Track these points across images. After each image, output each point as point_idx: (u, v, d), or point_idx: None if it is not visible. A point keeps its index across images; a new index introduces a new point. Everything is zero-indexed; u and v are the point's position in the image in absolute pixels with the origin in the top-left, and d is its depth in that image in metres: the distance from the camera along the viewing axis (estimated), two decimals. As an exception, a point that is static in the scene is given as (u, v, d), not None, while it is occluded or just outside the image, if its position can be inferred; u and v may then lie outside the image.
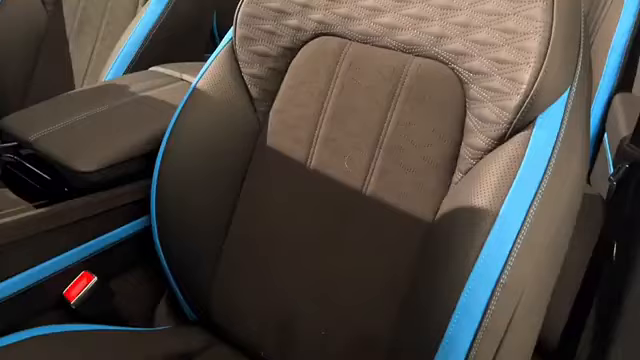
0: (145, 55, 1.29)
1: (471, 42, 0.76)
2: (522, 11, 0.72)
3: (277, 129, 0.90)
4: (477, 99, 0.75)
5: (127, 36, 1.29)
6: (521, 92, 0.70)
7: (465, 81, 0.77)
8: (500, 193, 0.68)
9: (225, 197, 0.91)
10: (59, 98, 1.07)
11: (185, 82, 1.15)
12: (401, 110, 0.81)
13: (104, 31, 1.42)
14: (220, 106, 0.91)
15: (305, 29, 0.89)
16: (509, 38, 0.72)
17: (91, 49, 1.42)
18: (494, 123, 0.72)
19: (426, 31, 0.80)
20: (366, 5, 0.85)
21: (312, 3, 0.88)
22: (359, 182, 0.83)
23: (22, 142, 0.93)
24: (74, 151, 0.89)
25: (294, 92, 0.90)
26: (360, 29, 0.85)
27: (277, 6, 0.90)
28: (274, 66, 0.91)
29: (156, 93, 1.08)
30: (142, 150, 0.94)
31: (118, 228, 0.95)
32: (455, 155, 0.78)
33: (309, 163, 0.87)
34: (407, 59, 0.82)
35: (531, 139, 0.70)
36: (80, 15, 1.46)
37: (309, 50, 0.89)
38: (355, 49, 0.86)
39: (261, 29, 0.91)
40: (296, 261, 0.86)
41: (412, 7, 0.82)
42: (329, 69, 0.87)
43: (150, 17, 1.31)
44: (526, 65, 0.70)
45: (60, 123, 0.95)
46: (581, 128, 0.73)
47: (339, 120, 0.85)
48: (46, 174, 0.90)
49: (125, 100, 1.05)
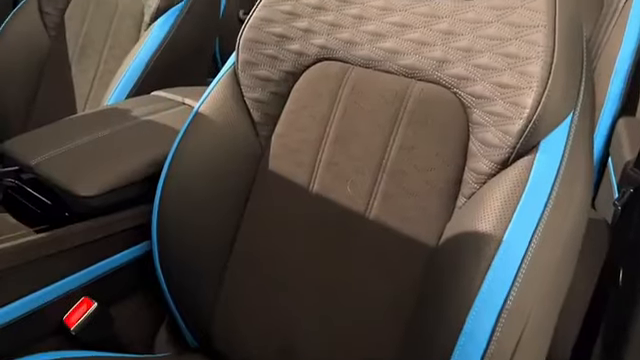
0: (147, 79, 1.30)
1: (473, 67, 0.77)
2: (524, 36, 0.73)
3: (279, 153, 0.91)
4: (480, 123, 0.76)
5: (130, 60, 1.30)
6: (524, 116, 0.70)
7: (468, 105, 0.78)
8: (504, 218, 0.69)
9: (227, 221, 0.91)
10: (61, 122, 1.08)
11: (187, 106, 1.16)
12: (404, 134, 0.82)
13: (107, 55, 1.44)
14: (222, 130, 0.92)
15: (307, 54, 0.90)
16: (511, 62, 0.73)
17: (93, 73, 1.44)
18: (497, 147, 0.73)
19: (428, 56, 0.81)
20: (368, 30, 0.86)
21: (314, 28, 0.89)
22: (362, 206, 0.83)
23: (23, 166, 0.93)
24: (75, 175, 0.90)
25: (296, 116, 0.90)
26: (362, 54, 0.86)
27: (279, 31, 0.91)
28: (276, 90, 0.92)
29: (158, 117, 1.09)
30: (143, 174, 0.95)
31: (118, 253, 0.95)
32: (458, 179, 0.78)
33: (312, 187, 0.87)
34: (409, 83, 0.83)
35: (534, 164, 0.70)
36: (83, 39, 1.48)
37: (311, 75, 0.90)
38: (357, 73, 0.87)
39: (263, 54, 0.92)
40: (299, 285, 0.86)
41: (414, 32, 0.83)
42: (331, 93, 0.88)
43: (153, 42, 1.32)
44: (529, 89, 0.71)
45: (62, 147, 0.95)
46: (584, 152, 0.74)
47: (342, 144, 0.86)
48: (47, 198, 0.90)
49: (127, 124, 1.05)
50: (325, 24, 0.89)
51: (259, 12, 0.93)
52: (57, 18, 1.52)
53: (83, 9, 1.50)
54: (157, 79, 1.31)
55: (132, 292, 1.01)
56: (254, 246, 0.90)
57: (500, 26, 0.76)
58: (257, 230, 0.90)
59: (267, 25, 0.92)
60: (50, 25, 1.53)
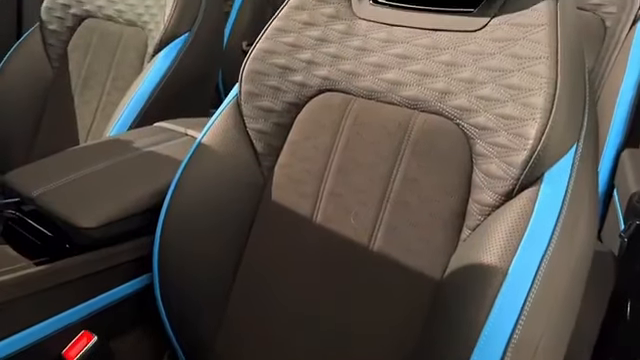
0: (150, 111, 1.31)
1: (476, 98, 0.77)
2: (526, 67, 0.74)
3: (282, 183, 0.91)
4: (483, 155, 0.76)
5: (133, 92, 1.32)
6: (528, 148, 0.71)
7: (471, 137, 0.78)
8: (509, 250, 0.68)
9: (229, 252, 0.91)
10: (63, 154, 1.08)
11: (190, 137, 1.16)
12: (407, 165, 0.82)
13: (109, 87, 1.45)
14: (225, 161, 0.92)
15: (310, 85, 0.91)
16: (514, 94, 0.74)
17: (96, 105, 1.45)
18: (501, 179, 0.73)
19: (431, 87, 0.82)
20: (370, 62, 0.87)
21: (317, 60, 0.91)
22: (366, 238, 0.83)
23: (24, 198, 0.93)
24: (76, 207, 0.90)
25: (299, 147, 0.91)
26: (365, 85, 0.87)
27: (282, 63, 0.92)
28: (279, 121, 0.93)
29: (160, 148, 1.09)
30: (145, 206, 0.95)
31: (119, 286, 0.94)
32: (463, 211, 0.78)
33: (315, 218, 0.87)
34: (412, 114, 0.83)
35: (539, 195, 0.70)
36: (86, 71, 1.50)
37: (314, 106, 0.91)
38: (360, 105, 0.88)
39: (266, 85, 0.93)
40: (301, 317, 0.85)
41: (416, 64, 0.84)
42: (334, 124, 0.89)
43: (156, 73, 1.34)
44: (532, 121, 0.71)
45: (63, 179, 0.96)
46: (589, 183, 0.74)
47: (345, 175, 0.86)
48: (48, 230, 0.90)
49: (129, 156, 1.06)
50: (328, 56, 0.90)
51: (262, 44, 0.94)
52: (60, 50, 1.54)
53: (86, 41, 1.52)
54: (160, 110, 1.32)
55: (132, 325, 1.00)
56: (256, 278, 0.90)
57: (502, 58, 0.77)
58: (259, 261, 0.90)
59: (270, 57, 0.93)
60: (53, 57, 1.55)
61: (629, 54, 1.35)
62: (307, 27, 0.92)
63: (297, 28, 0.93)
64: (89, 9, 1.53)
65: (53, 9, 1.55)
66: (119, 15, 1.48)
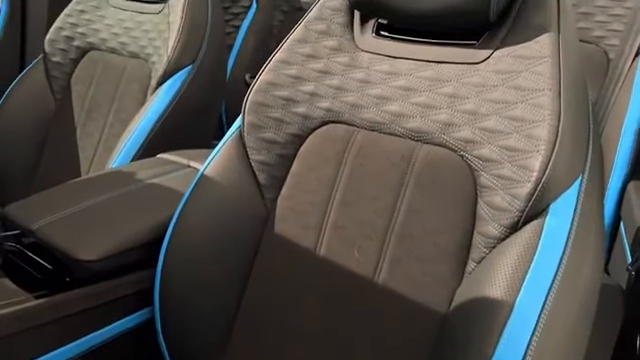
0: (153, 142, 1.32)
1: (480, 130, 0.78)
2: (530, 99, 0.75)
3: (285, 216, 0.91)
4: (488, 187, 0.76)
5: (135, 124, 1.33)
6: (532, 180, 0.71)
7: (475, 168, 0.78)
8: (515, 284, 0.68)
9: (232, 286, 0.91)
10: (64, 186, 1.09)
11: (192, 169, 1.17)
12: (411, 197, 0.83)
13: (112, 119, 1.46)
14: (227, 193, 0.93)
15: (313, 117, 0.92)
16: (518, 126, 0.75)
17: (98, 136, 1.46)
18: (506, 211, 0.73)
19: (434, 119, 0.83)
20: (374, 94, 0.88)
21: (320, 92, 0.92)
22: (370, 271, 0.83)
23: (25, 230, 0.94)
24: (77, 239, 0.90)
25: (302, 179, 0.91)
26: (368, 117, 0.88)
27: (286, 94, 0.93)
28: (282, 153, 0.93)
29: (162, 180, 1.10)
30: (146, 238, 0.95)
31: (119, 320, 0.94)
32: (467, 243, 0.78)
33: (318, 250, 0.87)
34: (416, 146, 0.84)
35: (544, 228, 0.70)
36: (89, 102, 1.51)
37: (317, 137, 0.92)
38: (363, 136, 0.88)
39: (269, 117, 0.94)
40: (305, 350, 0.85)
41: (419, 95, 0.85)
42: (337, 156, 0.89)
43: (159, 105, 1.35)
44: (536, 153, 0.72)
45: (64, 211, 0.96)
46: (595, 216, 0.74)
47: (348, 207, 0.87)
48: (48, 263, 0.90)
49: (131, 187, 1.06)
50: (331, 88, 0.91)
51: (265, 76, 0.95)
52: (64, 82, 1.56)
53: (90, 73, 1.54)
54: (163, 142, 1.33)
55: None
56: (258, 313, 0.89)
57: (505, 90, 0.78)
58: (262, 295, 0.90)
59: (273, 88, 0.94)
60: (56, 89, 1.56)
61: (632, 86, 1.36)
62: (310, 59, 0.93)
63: (300, 60, 0.94)
64: (92, 41, 1.55)
65: (56, 41, 1.57)
66: (122, 47, 1.50)
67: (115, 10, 1.56)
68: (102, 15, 1.57)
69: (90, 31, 1.56)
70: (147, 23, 1.48)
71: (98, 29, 1.56)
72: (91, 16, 1.58)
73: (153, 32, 1.46)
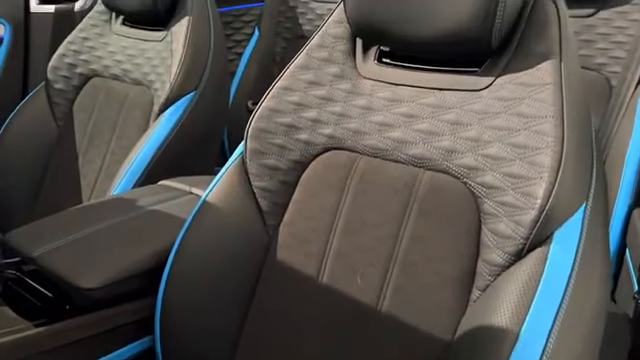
0: (155, 169, 1.33)
1: (483, 157, 0.78)
2: (532, 126, 0.76)
3: (287, 243, 0.91)
4: (492, 214, 0.76)
5: (137, 150, 1.33)
6: (536, 207, 0.71)
7: (479, 195, 0.79)
8: (520, 312, 0.68)
9: (234, 313, 0.91)
10: (65, 213, 1.09)
11: (194, 196, 1.17)
12: (414, 224, 0.83)
13: (114, 145, 1.47)
14: (229, 220, 0.93)
15: (316, 143, 0.92)
16: (521, 153, 0.75)
17: (100, 163, 1.47)
18: (510, 238, 0.73)
19: (437, 146, 0.83)
20: (376, 120, 0.89)
21: (322, 118, 0.92)
22: (373, 299, 0.83)
23: (25, 257, 0.94)
24: (77, 267, 0.90)
25: (305, 205, 0.92)
26: (370, 143, 0.88)
27: (288, 121, 0.94)
28: (284, 179, 0.94)
29: (164, 207, 1.10)
30: (147, 266, 0.95)
31: (119, 349, 0.93)
32: (472, 271, 0.78)
33: (321, 278, 0.87)
34: (419, 173, 0.84)
35: (549, 255, 0.70)
36: (91, 129, 1.52)
37: (319, 164, 0.92)
38: (366, 163, 0.89)
39: (272, 143, 0.94)
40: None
41: (422, 122, 0.85)
42: (340, 183, 0.89)
43: (161, 131, 1.36)
44: (540, 180, 0.72)
45: (64, 238, 0.96)
46: (600, 243, 0.74)
47: (351, 234, 0.87)
48: (48, 291, 0.90)
49: (132, 214, 1.07)
50: (333, 114, 0.92)
51: (268, 102, 0.96)
52: (66, 108, 1.57)
53: (92, 100, 1.55)
54: (165, 169, 1.34)
55: (132, 390, 0.99)
56: (261, 340, 0.89)
57: (508, 117, 0.78)
58: (265, 322, 0.90)
59: (276, 115, 0.95)
60: (59, 115, 1.58)
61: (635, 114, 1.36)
62: (312, 86, 0.94)
63: (302, 87, 0.95)
64: (95, 68, 1.57)
65: (59, 68, 1.58)
66: (125, 74, 1.52)
67: (118, 37, 1.58)
68: (105, 42, 1.59)
69: (93, 58, 1.58)
70: (150, 50, 1.50)
71: (101, 56, 1.57)
72: (94, 43, 1.59)
73: (156, 59, 1.48)
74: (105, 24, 1.62)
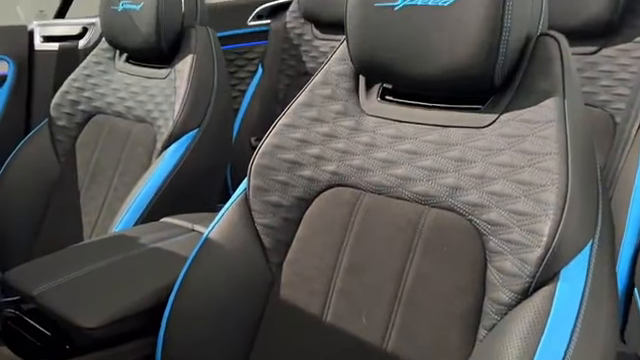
0: (157, 206, 1.33)
1: (487, 194, 0.79)
2: (537, 163, 0.76)
3: (291, 281, 0.91)
4: (497, 252, 0.76)
5: (140, 187, 1.34)
6: (542, 244, 0.71)
7: (484, 233, 0.79)
8: (528, 352, 0.68)
9: (236, 352, 0.90)
10: (66, 251, 1.09)
11: (196, 233, 1.18)
12: (419, 263, 0.83)
13: (117, 182, 1.48)
14: (232, 258, 0.93)
15: (319, 180, 0.93)
16: (526, 190, 0.75)
17: (102, 200, 1.47)
18: (516, 276, 0.73)
19: (441, 183, 0.83)
20: (380, 157, 0.89)
21: (326, 155, 0.93)
22: (378, 338, 0.82)
23: (25, 296, 0.94)
24: (77, 306, 0.90)
25: (308, 243, 0.92)
26: (374, 180, 0.89)
27: (291, 158, 0.95)
28: (288, 216, 0.94)
29: (166, 245, 1.10)
30: (148, 305, 0.95)
31: (119, 391, 0.93)
32: (478, 310, 0.78)
33: (325, 317, 0.87)
34: (423, 210, 0.85)
35: (556, 294, 0.70)
36: (93, 166, 1.53)
37: (323, 200, 0.92)
38: (369, 200, 0.89)
39: (275, 180, 0.95)
40: None
41: (426, 159, 0.86)
42: (344, 220, 0.90)
43: (164, 168, 1.36)
44: (545, 217, 0.72)
45: (65, 277, 0.96)
46: (608, 282, 0.74)
47: (355, 272, 0.86)
48: (47, 330, 0.90)
49: (133, 252, 1.07)
50: (336, 151, 0.93)
51: (271, 139, 0.97)
52: (68, 145, 1.58)
53: (95, 137, 1.56)
54: (167, 205, 1.34)
55: None
56: None
57: (512, 154, 0.79)
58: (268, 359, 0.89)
59: (279, 152, 0.95)
60: (61, 152, 1.59)
61: (640, 150, 1.37)
62: (316, 123, 0.95)
63: (306, 124, 0.96)
64: (98, 105, 1.58)
65: (62, 105, 1.60)
66: (128, 111, 1.53)
67: (122, 75, 1.60)
68: (109, 80, 1.61)
69: (96, 95, 1.60)
70: (153, 88, 1.52)
71: (104, 93, 1.59)
72: (97, 80, 1.61)
73: (159, 96, 1.49)
74: (109, 61, 1.64)
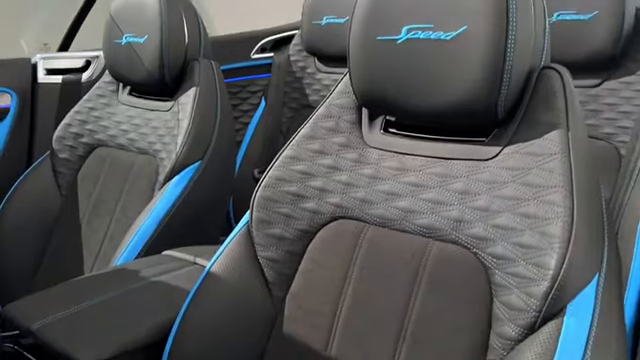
0: (159, 239, 1.33)
1: (492, 227, 0.79)
2: (542, 196, 0.76)
3: (294, 315, 0.91)
4: (503, 285, 0.76)
5: (142, 220, 1.34)
6: (548, 278, 0.71)
7: (489, 266, 0.79)
8: (535, 388, 0.67)
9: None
10: (66, 284, 1.09)
11: (198, 266, 1.17)
12: (424, 297, 0.82)
13: (118, 214, 1.48)
14: (234, 291, 0.93)
15: (323, 212, 0.93)
16: (531, 223, 0.75)
17: (104, 233, 1.47)
18: (522, 311, 0.73)
19: (445, 215, 0.84)
20: (383, 190, 0.90)
21: (329, 187, 0.93)
22: (382, 375, 0.81)
23: (24, 331, 0.93)
24: (77, 341, 0.89)
25: (312, 276, 0.91)
26: (378, 213, 0.89)
27: (294, 190, 0.95)
28: (291, 249, 0.94)
29: (167, 278, 1.10)
30: (148, 340, 0.94)
31: None
32: (484, 345, 0.77)
33: (329, 351, 0.86)
34: (427, 243, 0.85)
35: (563, 328, 0.69)
36: (95, 199, 1.53)
37: (327, 233, 0.93)
38: (373, 233, 0.89)
39: (278, 212, 0.95)
40: None
41: (429, 192, 0.86)
42: (347, 253, 0.90)
43: (166, 201, 1.37)
44: (551, 250, 0.72)
45: (65, 311, 0.96)
46: (616, 315, 0.73)
47: (359, 307, 0.86)
48: (47, 365, 0.89)
49: (134, 286, 1.06)
50: (340, 183, 0.93)
51: (274, 171, 0.97)
52: (70, 177, 1.59)
53: (97, 169, 1.57)
54: (169, 238, 1.34)
55: None
56: None
57: (516, 186, 0.79)
58: None
59: (282, 184, 0.96)
60: (63, 185, 1.59)
61: (646, 182, 1.37)
62: (319, 155, 0.96)
63: (309, 156, 0.96)
64: (101, 138, 1.59)
65: (65, 138, 1.61)
66: (131, 144, 1.54)
67: (125, 107, 1.61)
68: (112, 112, 1.62)
69: (99, 128, 1.61)
70: (156, 120, 1.53)
71: (107, 126, 1.60)
72: (100, 113, 1.63)
73: (162, 129, 1.50)
74: (112, 94, 1.66)
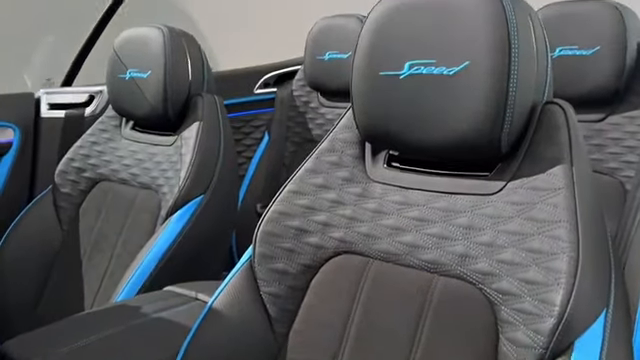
0: (161, 274, 1.32)
1: (497, 262, 0.79)
2: (546, 231, 0.76)
3: (297, 351, 0.90)
4: (509, 322, 0.76)
5: (143, 255, 1.34)
6: (554, 314, 0.71)
7: (495, 302, 0.78)
8: None
9: None
10: (66, 321, 1.09)
11: (200, 302, 1.17)
12: (429, 333, 0.82)
13: (120, 250, 1.48)
14: (236, 327, 0.92)
15: (326, 247, 0.93)
16: (536, 258, 0.75)
17: (105, 268, 1.47)
18: (529, 348, 0.72)
19: (450, 250, 0.83)
20: (387, 224, 0.90)
21: (333, 222, 0.93)
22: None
23: (23, 367, 0.93)
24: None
25: (315, 311, 0.91)
26: (382, 248, 0.89)
27: (297, 224, 0.95)
28: (294, 284, 0.94)
29: (168, 314, 1.10)
30: (149, 377, 0.94)
31: None
32: (491, 382, 0.76)
33: (332, 389, 0.85)
34: (432, 278, 0.84)
35: (571, 366, 0.69)
36: (96, 234, 1.53)
37: (330, 268, 0.92)
38: (377, 268, 0.89)
39: (281, 247, 0.95)
40: None
41: (434, 226, 0.86)
42: (351, 288, 0.89)
43: (169, 236, 1.36)
44: (557, 286, 0.72)
45: (65, 348, 0.96)
46: (623, 352, 0.73)
47: (364, 343, 0.85)
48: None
49: (135, 323, 1.06)
50: (343, 218, 0.93)
51: (277, 206, 0.97)
52: (72, 212, 1.59)
53: (99, 203, 1.57)
54: (171, 274, 1.33)
55: None
56: None
57: (521, 221, 0.79)
58: None
59: (285, 219, 0.96)
60: (64, 219, 1.59)
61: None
62: (322, 190, 0.96)
63: (312, 191, 0.96)
64: (103, 172, 1.60)
65: (67, 172, 1.62)
66: (133, 178, 1.55)
67: (128, 142, 1.63)
68: (114, 147, 1.63)
69: (101, 162, 1.62)
70: (159, 154, 1.54)
71: (110, 160, 1.61)
72: (103, 148, 1.64)
73: (165, 163, 1.51)
74: (115, 129, 1.67)
